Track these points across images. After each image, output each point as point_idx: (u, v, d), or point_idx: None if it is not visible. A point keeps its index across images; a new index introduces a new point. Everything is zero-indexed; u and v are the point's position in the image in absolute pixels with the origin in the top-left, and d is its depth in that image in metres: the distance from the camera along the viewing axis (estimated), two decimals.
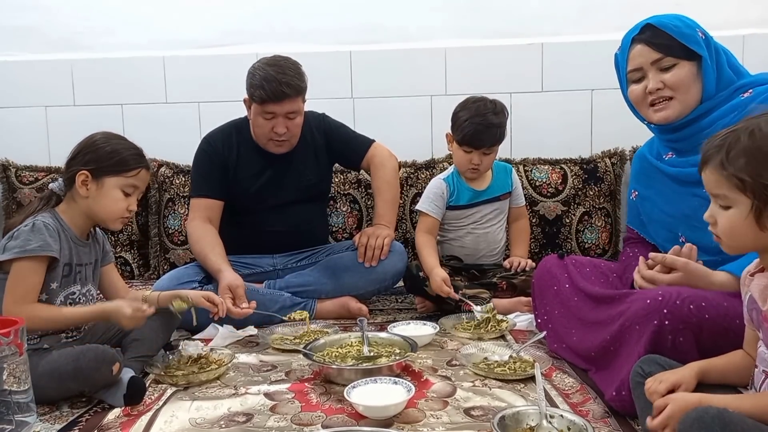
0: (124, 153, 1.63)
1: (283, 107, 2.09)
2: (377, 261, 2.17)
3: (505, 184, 2.32)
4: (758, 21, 2.63)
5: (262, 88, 2.06)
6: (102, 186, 1.61)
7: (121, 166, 1.62)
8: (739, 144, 1.02)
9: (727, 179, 1.03)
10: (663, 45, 1.55)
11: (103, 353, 1.46)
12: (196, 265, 2.21)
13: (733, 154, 1.02)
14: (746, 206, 1.01)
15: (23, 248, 1.49)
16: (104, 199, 1.61)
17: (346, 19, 2.88)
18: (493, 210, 2.29)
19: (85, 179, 1.60)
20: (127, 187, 1.64)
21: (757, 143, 1.00)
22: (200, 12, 2.91)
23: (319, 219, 2.46)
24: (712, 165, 1.06)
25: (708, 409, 0.97)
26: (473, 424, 1.32)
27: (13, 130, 2.93)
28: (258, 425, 1.35)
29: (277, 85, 2.05)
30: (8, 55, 2.94)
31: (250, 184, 2.23)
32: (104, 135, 1.67)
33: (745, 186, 1.01)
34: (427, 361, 1.72)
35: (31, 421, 1.32)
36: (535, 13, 2.86)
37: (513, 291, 2.19)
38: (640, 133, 2.65)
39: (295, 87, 2.08)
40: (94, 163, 1.60)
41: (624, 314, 1.40)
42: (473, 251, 2.29)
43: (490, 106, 2.15)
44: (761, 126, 1.02)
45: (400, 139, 2.83)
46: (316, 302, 2.17)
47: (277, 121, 2.12)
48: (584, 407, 1.39)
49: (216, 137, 2.27)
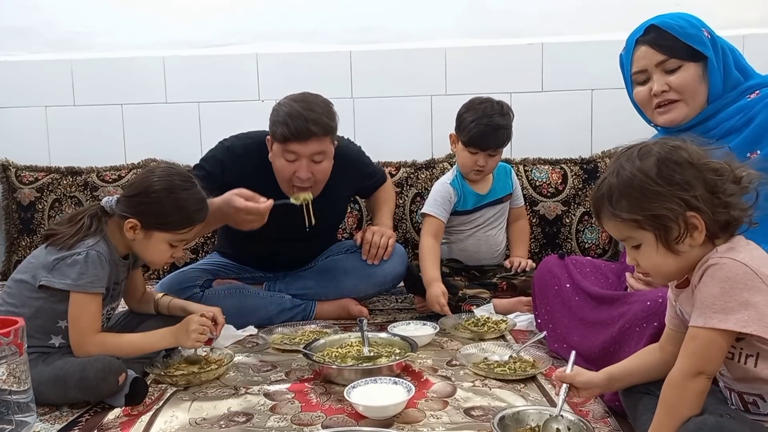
0: (182, 213, 1.55)
1: (308, 147, 1.86)
2: (380, 260, 2.16)
3: (506, 186, 2.31)
4: (758, 21, 2.63)
5: (286, 125, 1.84)
6: (150, 237, 1.56)
7: (175, 226, 1.57)
8: (614, 188, 1.06)
9: (623, 224, 1.06)
10: (667, 46, 1.53)
11: (110, 364, 1.45)
12: (196, 267, 2.20)
13: (615, 200, 1.06)
14: (651, 239, 1.05)
15: (76, 283, 1.48)
16: (149, 248, 1.58)
17: (346, 20, 2.88)
18: (495, 213, 2.28)
19: (134, 226, 1.55)
20: (176, 242, 1.60)
21: (626, 180, 1.04)
22: (200, 12, 2.91)
23: (331, 242, 2.33)
24: (604, 217, 1.09)
25: (706, 419, 0.98)
26: (473, 424, 1.32)
27: (13, 130, 2.93)
28: (258, 425, 1.35)
29: (303, 122, 1.83)
30: (8, 55, 2.94)
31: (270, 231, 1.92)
32: (169, 184, 1.55)
33: (639, 223, 1.04)
34: (427, 361, 1.72)
35: (31, 421, 1.31)
36: (535, 13, 2.86)
37: (513, 291, 2.18)
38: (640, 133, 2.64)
39: (323, 125, 1.86)
40: (147, 217, 1.54)
41: (625, 315, 1.40)
42: (474, 254, 2.28)
43: (497, 108, 2.12)
44: (623, 165, 1.06)
45: (400, 139, 2.84)
46: (316, 304, 2.16)
47: (300, 163, 1.88)
48: (584, 407, 1.39)
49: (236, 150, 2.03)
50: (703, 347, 0.99)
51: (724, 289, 0.97)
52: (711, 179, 1.02)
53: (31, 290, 1.51)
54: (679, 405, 1.01)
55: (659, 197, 1.02)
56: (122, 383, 1.45)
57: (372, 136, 2.48)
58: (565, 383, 1.22)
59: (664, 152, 1.04)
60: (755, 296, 0.96)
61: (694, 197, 1.01)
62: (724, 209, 1.02)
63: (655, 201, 1.02)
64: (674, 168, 1.02)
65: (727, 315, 0.96)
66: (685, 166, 1.02)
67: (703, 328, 0.98)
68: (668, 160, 1.03)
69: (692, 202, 1.01)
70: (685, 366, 1.01)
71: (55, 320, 1.52)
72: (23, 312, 1.46)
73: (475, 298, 2.12)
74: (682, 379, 1.01)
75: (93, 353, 1.48)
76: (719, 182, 1.02)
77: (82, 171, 2.85)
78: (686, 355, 1.01)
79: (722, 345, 0.99)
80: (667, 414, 1.01)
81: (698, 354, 1.00)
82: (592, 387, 1.22)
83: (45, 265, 1.50)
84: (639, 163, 1.04)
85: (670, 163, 1.02)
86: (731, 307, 0.96)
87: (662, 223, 1.02)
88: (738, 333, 0.97)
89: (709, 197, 1.01)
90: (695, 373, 1.00)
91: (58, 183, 2.83)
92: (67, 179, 2.84)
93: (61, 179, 2.84)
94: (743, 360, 1.02)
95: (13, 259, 2.83)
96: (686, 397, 1.00)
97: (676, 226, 1.02)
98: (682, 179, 1.01)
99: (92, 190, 2.81)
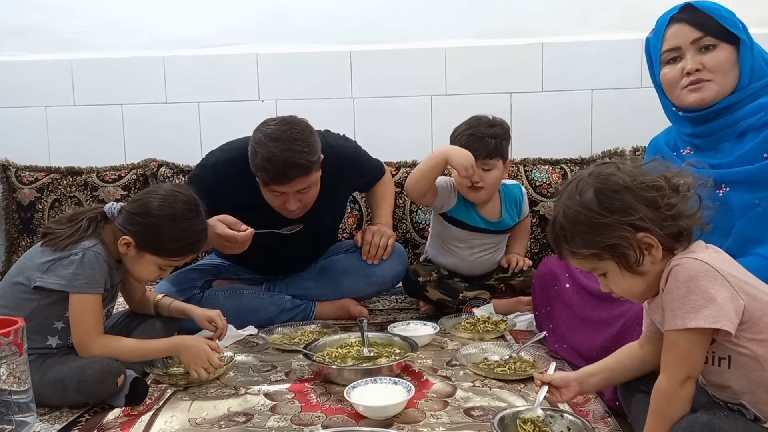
0: (179, 243, 1.54)
1: (292, 187, 1.84)
2: (380, 260, 2.16)
3: (513, 217, 2.23)
4: (758, 21, 2.63)
5: (265, 171, 1.79)
6: (142, 257, 1.55)
7: (168, 253, 1.56)
8: (565, 228, 1.08)
9: (584, 259, 1.09)
10: (704, 24, 1.50)
11: (109, 365, 1.44)
12: (196, 268, 2.20)
13: (569, 239, 1.08)
14: (614, 266, 1.07)
15: (71, 283, 1.47)
16: (138, 266, 1.57)
17: (346, 19, 2.88)
18: (496, 240, 2.23)
19: (128, 243, 1.53)
20: (166, 266, 1.59)
21: (573, 218, 1.07)
22: (200, 12, 2.91)
23: (331, 244, 2.33)
24: (566, 255, 1.12)
25: (697, 417, 1.00)
26: (473, 424, 1.32)
27: (13, 130, 2.93)
28: (258, 425, 1.35)
29: (282, 167, 1.77)
30: (8, 55, 2.94)
31: (259, 237, 1.94)
32: (171, 211, 1.52)
33: (598, 255, 1.07)
34: (427, 361, 1.72)
35: (31, 421, 1.31)
36: (535, 13, 2.86)
37: (512, 293, 2.18)
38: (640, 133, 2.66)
39: (303, 167, 1.79)
40: (143, 239, 1.52)
41: (626, 314, 1.40)
42: (469, 270, 2.23)
43: (484, 120, 2.09)
44: (566, 203, 1.08)
45: (400, 139, 2.84)
46: (315, 304, 2.16)
47: (287, 197, 1.88)
48: (584, 407, 1.39)
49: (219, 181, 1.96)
50: (685, 352, 1.01)
51: (690, 288, 0.99)
52: (651, 197, 1.04)
53: (25, 292, 1.50)
54: (670, 413, 1.02)
55: (607, 228, 1.04)
56: (121, 384, 1.45)
57: (372, 136, 2.47)
58: (545, 384, 1.26)
59: (600, 182, 1.06)
60: (720, 292, 0.98)
61: (640, 219, 1.03)
62: (672, 221, 1.04)
63: (604, 232, 1.04)
64: (612, 196, 1.04)
65: (697, 313, 0.98)
66: (622, 192, 1.04)
67: (681, 331, 0.99)
68: (605, 189, 1.05)
69: (639, 225, 1.03)
70: (673, 375, 1.02)
71: (50, 321, 1.51)
72: (17, 314, 1.44)
73: (476, 299, 2.12)
74: (672, 388, 1.02)
75: (97, 354, 1.48)
76: (659, 198, 1.04)
77: (82, 171, 2.85)
78: (671, 364, 1.03)
79: (703, 343, 1.01)
80: (659, 423, 1.03)
81: (683, 360, 1.01)
82: (568, 382, 1.25)
83: (39, 266, 1.49)
84: (579, 198, 1.07)
85: (608, 191, 1.05)
86: (700, 304, 0.98)
87: (618, 251, 1.05)
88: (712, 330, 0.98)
89: (653, 215, 1.03)
90: (684, 379, 1.01)
91: (58, 183, 2.83)
92: (67, 179, 2.84)
93: (61, 179, 2.84)
94: (717, 363, 1.04)
95: (13, 260, 2.82)
96: (677, 404, 1.02)
97: (632, 250, 1.04)
98: (622, 205, 1.04)
99: (92, 190, 2.81)
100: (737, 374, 1.02)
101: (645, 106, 2.74)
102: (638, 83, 2.78)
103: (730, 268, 1.02)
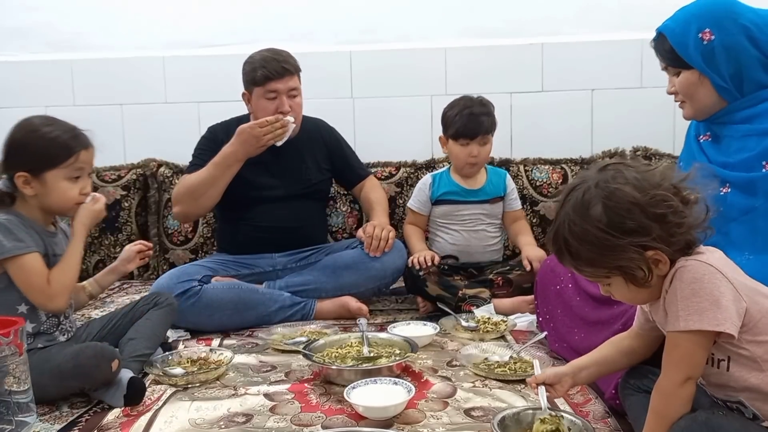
0: (54, 143, 1.53)
1: (286, 84, 2.17)
2: (382, 252, 2.19)
3: (498, 189, 2.34)
4: None
5: (264, 68, 2.15)
6: (45, 182, 1.52)
7: (56, 158, 1.53)
8: (570, 245, 1.05)
9: (591, 275, 1.09)
10: (665, 55, 1.54)
11: (102, 350, 1.46)
12: (196, 264, 2.20)
13: (574, 256, 1.06)
14: (620, 281, 1.06)
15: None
16: (52, 193, 1.54)
17: (345, 20, 2.88)
18: (482, 212, 2.31)
19: (26, 180, 1.51)
20: (72, 174, 1.56)
21: (579, 236, 1.03)
22: (200, 12, 2.91)
23: (319, 218, 2.47)
24: (569, 266, 1.10)
25: (696, 416, 1.00)
26: (473, 424, 1.32)
27: None
28: (258, 426, 1.34)
29: (278, 63, 2.16)
30: (8, 55, 2.94)
31: (251, 173, 2.21)
32: (29, 126, 1.55)
33: (605, 273, 1.06)
34: (427, 361, 1.72)
35: (31, 421, 1.32)
36: (535, 13, 2.86)
37: (509, 286, 2.18)
38: (640, 133, 2.66)
39: (293, 64, 2.21)
40: (28, 164, 1.51)
41: (626, 314, 1.40)
42: (465, 248, 2.30)
43: (475, 100, 2.26)
44: (573, 219, 1.04)
45: (400, 139, 2.84)
46: (315, 302, 2.16)
47: (281, 100, 2.17)
48: (585, 408, 1.39)
49: (218, 128, 2.34)
50: (687, 353, 1.00)
51: (694, 290, 0.99)
52: (661, 213, 1.00)
53: None
54: (669, 412, 1.02)
55: (617, 249, 1.01)
56: (115, 370, 1.45)
57: (372, 136, 2.48)
58: (539, 384, 1.25)
59: (608, 197, 1.01)
60: (724, 295, 0.98)
61: (652, 239, 1.00)
62: (681, 235, 1.02)
63: (613, 253, 1.02)
64: (623, 215, 1.00)
65: (701, 315, 0.97)
66: (633, 210, 1.00)
67: (683, 333, 0.99)
68: (615, 207, 1.01)
69: (650, 245, 1.01)
70: (673, 375, 1.02)
71: (13, 308, 1.50)
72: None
73: (475, 298, 2.12)
74: (672, 388, 1.02)
75: (63, 300, 1.51)
76: (669, 214, 1.01)
77: None
78: (673, 364, 1.02)
79: (705, 345, 1.00)
80: (658, 422, 1.03)
81: (684, 361, 1.01)
82: (560, 377, 1.24)
83: None
84: (586, 213, 1.02)
85: (618, 210, 1.00)
86: (704, 306, 0.97)
87: (626, 271, 1.03)
88: (715, 332, 0.98)
89: (663, 231, 1.01)
90: (684, 380, 1.01)
91: None
92: None
93: None
94: (716, 364, 1.04)
95: None
96: (677, 404, 1.02)
97: (640, 270, 1.02)
98: (634, 225, 1.00)
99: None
100: (736, 375, 1.02)
101: (645, 106, 2.77)
102: (638, 83, 2.79)
103: (732, 271, 1.02)
